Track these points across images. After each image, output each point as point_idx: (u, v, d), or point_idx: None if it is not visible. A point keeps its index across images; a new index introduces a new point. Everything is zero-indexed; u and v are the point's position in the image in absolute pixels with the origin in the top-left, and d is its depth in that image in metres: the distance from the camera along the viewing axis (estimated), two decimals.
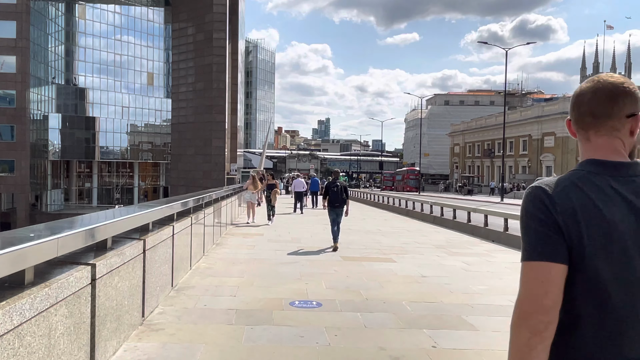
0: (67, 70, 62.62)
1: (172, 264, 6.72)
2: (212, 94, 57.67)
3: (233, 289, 7.03)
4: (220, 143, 57.61)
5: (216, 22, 57.36)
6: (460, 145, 79.77)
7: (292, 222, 18.22)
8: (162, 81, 68.64)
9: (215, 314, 5.78)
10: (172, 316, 5.60)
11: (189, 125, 60.15)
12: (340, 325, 5.51)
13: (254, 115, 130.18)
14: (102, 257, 4.09)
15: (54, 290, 3.08)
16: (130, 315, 4.76)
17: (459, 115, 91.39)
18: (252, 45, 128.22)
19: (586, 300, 1.34)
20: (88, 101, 64.01)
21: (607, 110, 1.43)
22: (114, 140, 65.26)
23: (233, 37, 61.85)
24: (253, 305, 6.18)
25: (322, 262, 9.52)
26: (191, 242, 8.25)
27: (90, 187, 64.99)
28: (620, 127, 1.46)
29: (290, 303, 6.36)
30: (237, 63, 63.75)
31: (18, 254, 2.76)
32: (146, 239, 5.32)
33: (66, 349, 3.28)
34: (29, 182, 53.41)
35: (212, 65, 57.59)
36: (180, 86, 62.51)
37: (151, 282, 5.57)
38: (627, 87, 1.43)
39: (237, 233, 13.99)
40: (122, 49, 66.11)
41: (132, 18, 66.81)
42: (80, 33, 63.34)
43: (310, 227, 16.41)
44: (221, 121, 57.53)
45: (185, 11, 61.00)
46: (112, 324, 4.23)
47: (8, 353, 2.55)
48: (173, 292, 6.68)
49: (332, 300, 6.55)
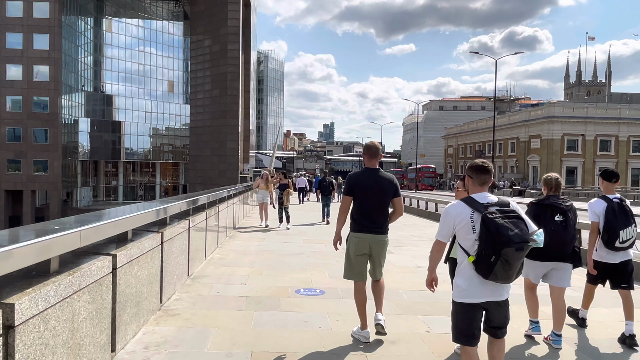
0: (95, 78, 62.78)
1: (188, 255, 6.71)
2: (226, 100, 57.66)
3: (244, 278, 7.00)
4: (234, 145, 57.60)
5: (230, 34, 57.30)
6: (454, 147, 79.42)
7: (298, 216, 18.08)
8: (181, 89, 68.71)
9: (228, 300, 5.76)
10: (188, 302, 5.59)
11: (205, 129, 60.17)
12: (342, 311, 5.47)
13: (265, 119, 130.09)
14: (123, 248, 4.07)
15: (77, 278, 3.08)
16: (149, 301, 4.75)
17: (453, 119, 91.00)
18: (263, 56, 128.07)
19: None
20: (114, 107, 64.14)
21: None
22: (138, 142, 65.37)
23: (246, 48, 61.81)
24: (262, 293, 6.16)
25: (326, 253, 9.47)
26: (206, 235, 8.23)
27: (116, 185, 65.16)
28: None
29: (296, 291, 6.33)
30: (249, 72, 63.72)
31: (43, 244, 2.77)
32: (164, 231, 5.30)
33: (88, 332, 3.26)
34: (61, 180, 53.61)
35: (226, 74, 57.55)
36: (197, 93, 62.52)
37: (168, 272, 5.55)
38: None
39: (247, 230, 13.97)
40: (144, 59, 66.21)
41: (154, 31, 66.88)
42: (107, 45, 63.47)
43: (314, 221, 16.36)
44: (235, 125, 57.51)
45: (202, 24, 60.95)
46: (132, 309, 4.21)
47: (34, 336, 2.59)
48: (189, 281, 6.66)
49: (335, 289, 6.51)
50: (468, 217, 3.11)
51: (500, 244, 2.93)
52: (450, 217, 3.19)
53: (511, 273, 3.00)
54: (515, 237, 2.95)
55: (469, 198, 3.21)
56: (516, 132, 60.71)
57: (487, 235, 2.99)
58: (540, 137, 56.65)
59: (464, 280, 3.15)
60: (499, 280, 3.03)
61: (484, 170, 3.25)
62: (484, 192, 3.23)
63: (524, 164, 59.04)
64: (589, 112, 56.15)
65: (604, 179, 4.91)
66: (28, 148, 52.13)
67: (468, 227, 3.10)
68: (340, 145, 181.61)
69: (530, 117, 59.19)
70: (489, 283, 3.06)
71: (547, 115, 55.98)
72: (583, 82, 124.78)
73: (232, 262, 8.25)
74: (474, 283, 3.10)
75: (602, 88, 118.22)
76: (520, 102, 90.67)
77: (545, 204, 4.50)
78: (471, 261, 3.06)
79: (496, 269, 2.96)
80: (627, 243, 4.63)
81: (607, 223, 4.63)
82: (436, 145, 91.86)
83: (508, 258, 2.93)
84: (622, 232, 4.57)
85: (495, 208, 3.10)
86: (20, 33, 51.40)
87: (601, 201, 4.76)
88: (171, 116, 68.33)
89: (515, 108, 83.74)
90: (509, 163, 62.44)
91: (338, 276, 7.21)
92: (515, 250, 2.94)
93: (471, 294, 3.11)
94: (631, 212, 4.73)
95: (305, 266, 8.08)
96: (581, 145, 55.76)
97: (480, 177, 3.24)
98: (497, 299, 3.14)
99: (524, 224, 3.09)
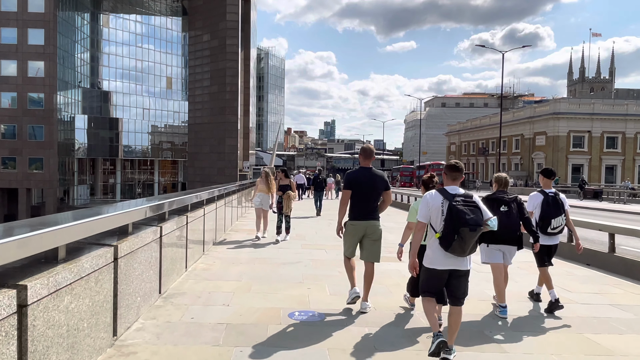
0: (93, 75, 61.55)
1: (160, 269, 5.53)
2: (225, 97, 56.43)
3: (227, 296, 5.82)
4: (233, 142, 56.39)
5: (229, 29, 56.03)
6: (457, 145, 78.12)
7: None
8: (180, 85, 67.48)
9: (202, 330, 4.58)
10: (151, 334, 4.40)
11: (204, 126, 58.95)
12: (346, 345, 4.30)
13: (265, 117, 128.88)
14: (46, 274, 2.89)
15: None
16: (92, 338, 3.56)
17: (455, 116, 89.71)
18: (264, 53, 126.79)
19: None
20: (112, 103, 62.94)
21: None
22: (136, 139, 64.18)
23: (245, 44, 60.53)
24: (247, 318, 4.98)
25: (326, 262, 8.30)
26: (187, 242, 7.06)
27: (114, 183, 63.95)
28: None
29: (289, 314, 5.15)
30: (249, 68, 62.44)
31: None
32: (120, 245, 4.12)
33: None
34: (58, 178, 52.50)
35: (225, 69, 56.30)
36: (196, 89, 61.28)
37: (128, 293, 4.37)
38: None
39: (242, 229, 12.74)
40: (142, 55, 64.98)
41: (153, 27, 65.62)
42: (104, 40, 62.23)
43: (314, 223, 15.19)
44: (234, 122, 56.29)
45: (201, 19, 59.68)
46: (64, 355, 3.03)
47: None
48: (160, 301, 5.49)
49: (336, 311, 5.35)
50: (439, 203, 3.95)
51: (459, 225, 3.76)
52: (427, 202, 4.02)
53: (465, 248, 3.82)
54: (470, 220, 3.78)
55: (442, 189, 4.04)
56: (520, 129, 59.41)
57: (450, 218, 3.82)
58: (546, 134, 55.37)
59: (432, 251, 4.00)
60: (456, 253, 3.84)
61: (455, 169, 4.11)
62: (455, 185, 4.07)
63: (529, 162, 57.78)
64: (595, 109, 54.85)
65: (544, 176, 5.95)
66: (23, 145, 50.98)
67: (439, 211, 3.93)
68: (341, 142, 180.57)
69: (535, 113, 57.90)
70: (450, 255, 3.87)
71: (552, 112, 54.68)
72: (586, 79, 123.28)
73: (217, 274, 7.07)
74: (439, 254, 3.92)
75: (606, 85, 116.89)
76: (524, 99, 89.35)
77: (493, 198, 5.47)
78: (437, 237, 3.90)
79: (454, 244, 3.79)
80: (557, 229, 5.65)
81: (542, 212, 5.64)
82: (438, 142, 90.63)
83: (464, 236, 3.76)
84: (554, 220, 5.60)
85: (460, 198, 3.90)
86: (15, 28, 50.19)
87: (539, 194, 5.76)
88: (170, 113, 67.13)
89: (519, 105, 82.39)
90: (513, 160, 61.16)
91: (341, 292, 6.04)
92: (469, 230, 3.75)
93: (436, 262, 3.96)
94: (562, 204, 5.71)
95: (302, 279, 6.91)
96: (587, 142, 54.48)
97: (453, 174, 4.10)
98: (458, 267, 3.94)
99: (479, 212, 3.88)
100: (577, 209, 23.74)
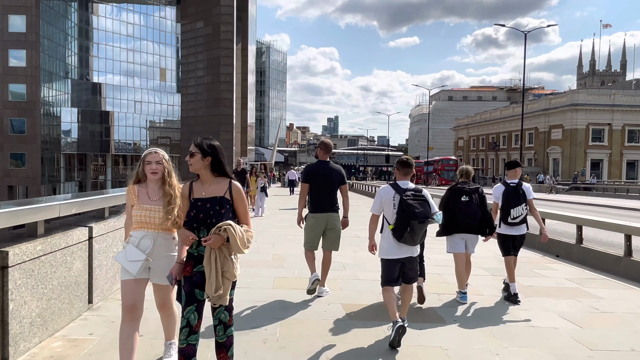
0: (82, 65, 57.95)
1: None
2: (219, 87, 52.80)
3: None
4: (229, 136, 52.76)
5: (223, 14, 52.35)
6: (465, 139, 74.19)
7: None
8: (174, 77, 63.79)
9: None
10: None
11: (198, 119, 55.36)
12: None
13: (267, 112, 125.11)
14: None
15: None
16: None
17: (462, 110, 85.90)
18: (265, 47, 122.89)
19: None
20: (103, 96, 59.37)
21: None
22: (127, 134, 60.63)
23: (243, 34, 56.83)
24: None
25: (311, 322, 4.59)
26: None
27: (104, 180, 60.37)
28: None
29: None
30: (247, 59, 58.79)
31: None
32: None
33: None
34: (42, 174, 49.05)
35: (219, 58, 52.65)
36: (189, 80, 57.68)
37: None
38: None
39: None
40: (135, 46, 61.35)
41: (145, 15, 61.94)
42: (94, 29, 58.61)
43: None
44: (229, 114, 52.69)
45: (194, 5, 55.99)
46: None
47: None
48: None
49: None
50: (391, 197, 4.31)
51: (409, 217, 4.12)
52: (380, 196, 4.40)
53: (415, 238, 4.17)
54: (419, 213, 4.14)
55: (394, 183, 4.41)
56: (534, 122, 55.40)
57: (401, 210, 4.18)
58: (562, 127, 51.42)
59: (386, 242, 4.32)
60: (407, 243, 4.18)
61: (406, 165, 4.47)
62: (406, 180, 4.44)
63: (544, 156, 53.88)
64: (616, 100, 50.78)
65: (507, 168, 6.07)
66: (3, 140, 47.49)
67: (390, 204, 4.29)
68: (344, 138, 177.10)
69: (550, 105, 53.92)
70: (403, 245, 4.21)
71: (570, 103, 50.68)
72: (597, 72, 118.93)
73: None
74: (393, 245, 4.26)
75: (617, 78, 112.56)
76: (534, 92, 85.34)
77: (455, 189, 5.77)
78: (390, 229, 4.24)
79: (405, 235, 4.12)
80: (518, 219, 5.73)
81: (503, 202, 5.80)
82: (445, 137, 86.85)
83: (413, 228, 4.10)
84: (513, 210, 5.72)
85: (410, 192, 4.25)
86: None
87: (501, 186, 5.94)
88: (164, 106, 63.52)
89: (529, 98, 78.44)
90: (526, 155, 57.12)
91: None
92: (418, 222, 4.11)
93: (391, 252, 4.29)
94: (524, 194, 5.77)
95: None
96: (607, 136, 50.49)
97: (404, 170, 4.46)
98: (410, 255, 4.30)
99: (427, 205, 4.23)
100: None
